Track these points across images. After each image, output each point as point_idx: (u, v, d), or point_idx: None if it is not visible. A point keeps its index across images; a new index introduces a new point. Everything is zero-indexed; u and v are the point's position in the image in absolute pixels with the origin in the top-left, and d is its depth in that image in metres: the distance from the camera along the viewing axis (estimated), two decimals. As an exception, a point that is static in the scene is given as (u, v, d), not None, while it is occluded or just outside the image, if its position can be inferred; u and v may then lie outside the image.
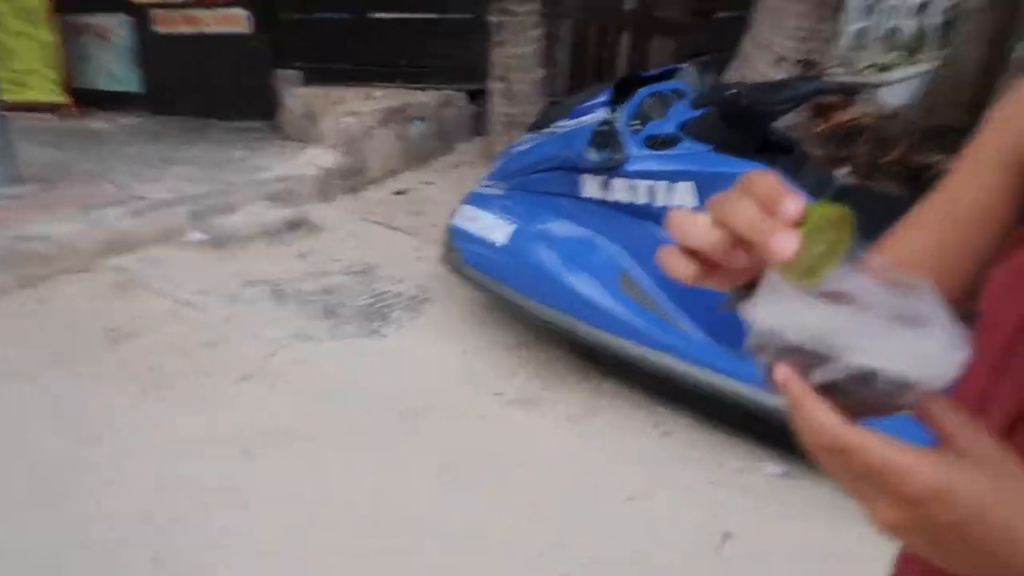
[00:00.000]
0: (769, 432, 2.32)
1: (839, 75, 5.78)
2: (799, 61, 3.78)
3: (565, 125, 2.75)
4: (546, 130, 2.85)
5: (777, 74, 3.84)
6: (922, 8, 9.30)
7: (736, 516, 2.07)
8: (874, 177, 4.45)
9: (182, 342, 2.90)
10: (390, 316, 3.13)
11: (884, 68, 6.96)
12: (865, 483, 0.38)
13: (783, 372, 0.39)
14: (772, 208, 0.39)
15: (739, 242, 0.41)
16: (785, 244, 0.38)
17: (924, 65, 6.82)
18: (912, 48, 8.84)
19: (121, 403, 2.53)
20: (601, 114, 2.66)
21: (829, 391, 0.38)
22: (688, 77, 2.95)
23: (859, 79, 6.22)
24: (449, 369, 2.82)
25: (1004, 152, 0.65)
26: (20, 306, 3.17)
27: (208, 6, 6.46)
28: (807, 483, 2.17)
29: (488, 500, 2.17)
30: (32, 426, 2.41)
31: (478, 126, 5.41)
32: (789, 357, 0.39)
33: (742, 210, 0.40)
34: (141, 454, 2.29)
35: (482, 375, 2.79)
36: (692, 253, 0.44)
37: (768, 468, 2.25)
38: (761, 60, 3.92)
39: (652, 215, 2.54)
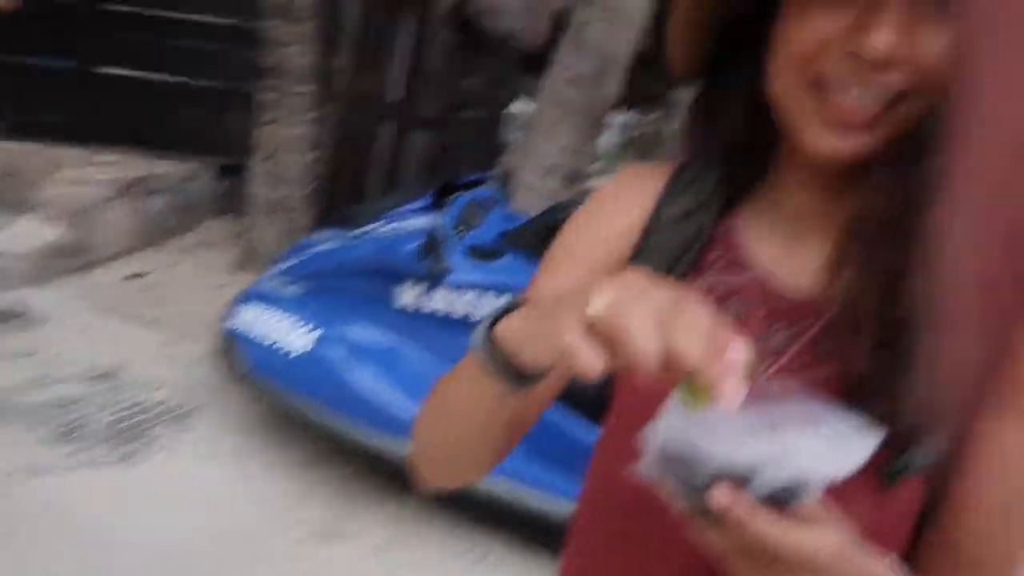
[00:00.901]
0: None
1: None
2: (566, 175, 4.06)
3: (382, 229, 2.61)
4: (356, 231, 2.69)
5: (544, 184, 4.08)
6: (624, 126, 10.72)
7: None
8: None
9: None
10: (151, 433, 2.63)
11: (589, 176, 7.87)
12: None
13: (725, 495, 0.42)
14: (719, 346, 0.40)
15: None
16: (735, 393, 0.39)
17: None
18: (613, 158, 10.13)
19: None
20: (421, 220, 2.58)
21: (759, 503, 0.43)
22: (495, 185, 3.02)
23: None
24: (232, 498, 2.43)
25: (586, 256, 0.66)
26: None
27: None
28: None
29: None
30: None
31: (227, 204, 4.96)
32: (717, 480, 0.43)
33: (693, 339, 0.40)
34: None
35: (272, 503, 2.45)
36: (605, 344, 0.42)
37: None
38: (529, 171, 4.13)
39: (470, 328, 2.49)
